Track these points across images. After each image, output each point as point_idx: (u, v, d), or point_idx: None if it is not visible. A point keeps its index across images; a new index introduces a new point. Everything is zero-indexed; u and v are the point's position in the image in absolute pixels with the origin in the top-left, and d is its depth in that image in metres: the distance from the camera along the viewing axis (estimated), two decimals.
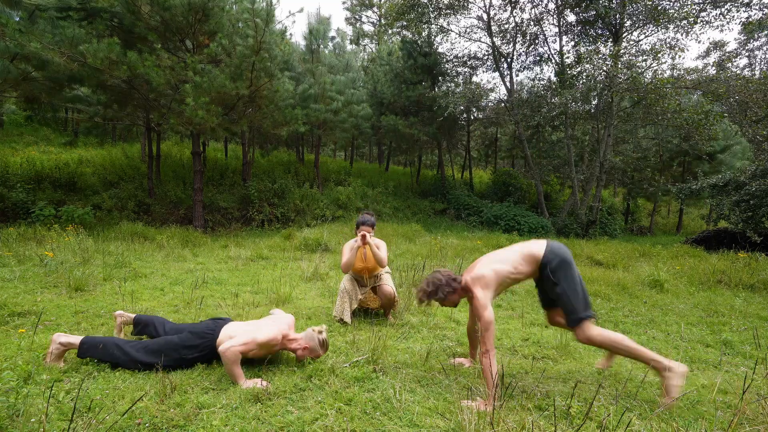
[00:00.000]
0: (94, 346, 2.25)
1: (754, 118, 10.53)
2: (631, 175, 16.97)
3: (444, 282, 2.29)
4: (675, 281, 5.29)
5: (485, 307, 2.13)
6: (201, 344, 2.30)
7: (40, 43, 6.74)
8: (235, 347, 2.14)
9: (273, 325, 2.36)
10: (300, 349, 2.38)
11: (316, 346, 2.38)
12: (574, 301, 2.15)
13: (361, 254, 3.29)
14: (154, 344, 2.29)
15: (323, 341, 2.40)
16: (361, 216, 3.32)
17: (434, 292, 2.29)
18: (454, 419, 1.88)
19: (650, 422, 1.93)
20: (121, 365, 2.25)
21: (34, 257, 4.86)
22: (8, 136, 14.01)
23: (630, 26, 12.29)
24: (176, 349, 2.27)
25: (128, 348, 2.25)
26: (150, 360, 2.22)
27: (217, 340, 2.28)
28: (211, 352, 2.30)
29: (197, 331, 2.34)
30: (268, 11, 8.16)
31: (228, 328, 2.33)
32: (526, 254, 2.26)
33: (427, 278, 2.36)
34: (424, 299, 2.33)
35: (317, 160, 13.39)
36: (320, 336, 2.39)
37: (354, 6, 29.48)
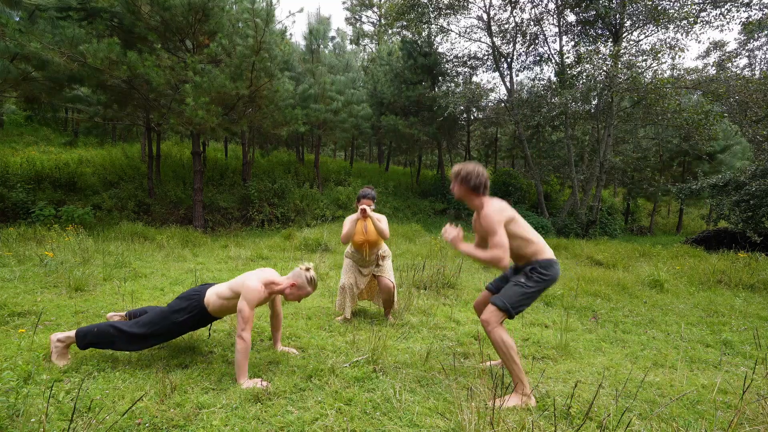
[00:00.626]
0: (88, 332, 2.25)
1: (754, 118, 10.54)
2: (631, 175, 16.97)
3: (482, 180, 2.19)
4: (675, 281, 5.29)
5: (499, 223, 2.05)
6: (189, 305, 2.32)
7: (40, 43, 6.74)
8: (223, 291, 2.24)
9: (256, 272, 2.37)
10: (287, 288, 2.35)
11: (304, 282, 2.35)
12: (520, 297, 2.14)
13: (361, 227, 3.28)
14: (145, 317, 2.33)
15: (311, 278, 2.36)
16: (361, 190, 3.32)
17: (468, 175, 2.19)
18: (454, 419, 1.88)
19: (650, 422, 1.93)
20: (117, 345, 2.25)
21: (34, 257, 4.86)
22: (8, 136, 14.01)
23: (630, 26, 12.30)
24: (166, 316, 2.30)
25: (121, 325, 2.27)
26: (143, 330, 2.24)
27: (204, 299, 2.32)
28: (200, 312, 2.33)
29: (184, 296, 2.38)
30: (268, 11, 8.16)
31: (213, 287, 2.38)
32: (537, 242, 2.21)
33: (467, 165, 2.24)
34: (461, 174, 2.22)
35: (317, 160, 13.40)
36: (308, 273, 2.36)
37: (354, 6, 29.49)
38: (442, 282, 4.72)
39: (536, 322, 3.64)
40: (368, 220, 3.25)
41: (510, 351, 2.08)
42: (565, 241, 8.82)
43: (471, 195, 2.23)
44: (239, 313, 2.17)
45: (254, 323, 3.08)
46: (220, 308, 2.33)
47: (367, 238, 3.27)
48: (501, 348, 2.09)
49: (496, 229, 2.04)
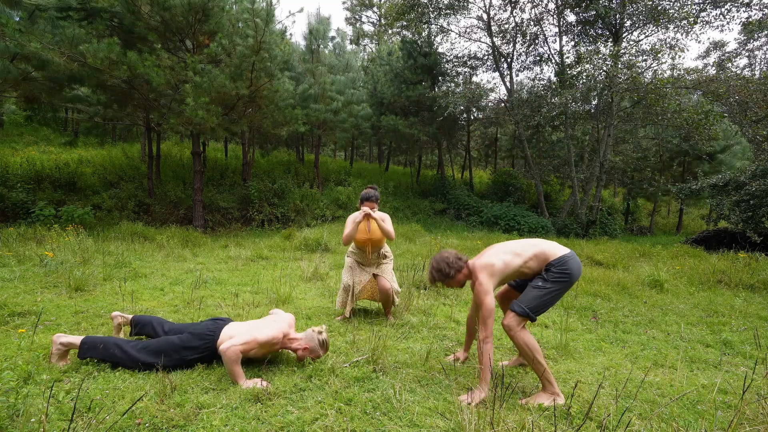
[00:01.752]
0: (94, 346, 2.25)
1: (754, 118, 10.54)
2: (631, 175, 16.97)
3: (452, 260, 2.31)
4: (675, 281, 5.28)
5: (487, 293, 2.13)
6: (201, 345, 2.30)
7: (40, 43, 6.73)
8: (236, 346, 2.13)
9: (273, 324, 2.36)
10: (300, 350, 2.39)
11: (316, 346, 2.39)
12: (540, 300, 2.15)
13: (364, 226, 3.26)
14: (154, 344, 2.29)
15: (323, 341, 2.40)
16: (364, 191, 3.30)
17: (441, 270, 2.31)
18: (454, 419, 1.88)
19: (650, 422, 1.93)
20: (121, 365, 2.25)
21: (34, 257, 4.86)
22: (8, 136, 14.01)
23: (630, 26, 12.30)
24: (177, 350, 2.27)
25: (128, 348, 2.25)
26: (150, 360, 2.22)
27: (218, 341, 2.28)
28: (211, 353, 2.30)
29: (197, 332, 2.34)
30: (268, 11, 8.16)
31: (228, 329, 2.33)
32: (539, 253, 2.23)
33: (435, 257, 2.37)
34: (435, 276, 2.35)
35: (317, 160, 13.40)
36: (320, 336, 2.40)
37: (354, 6, 29.49)
38: None
39: (536, 322, 3.64)
40: (372, 221, 3.24)
41: (534, 353, 2.10)
42: (565, 241, 8.82)
43: (459, 277, 2.34)
44: (244, 343, 2.16)
45: None
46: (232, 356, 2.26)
47: (371, 237, 3.26)
48: (525, 351, 2.12)
49: (482, 300, 2.13)
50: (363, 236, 3.26)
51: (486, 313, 2.11)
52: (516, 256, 2.24)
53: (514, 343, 2.16)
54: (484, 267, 2.21)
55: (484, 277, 2.18)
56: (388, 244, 3.60)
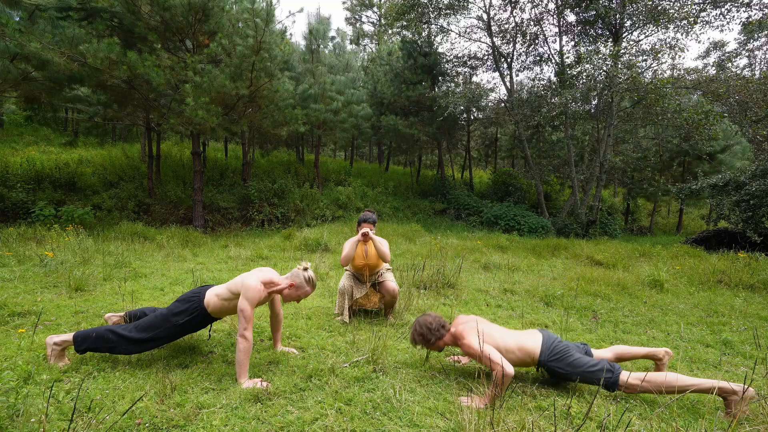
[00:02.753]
0: (87, 337, 2.24)
1: (754, 118, 10.53)
2: (631, 175, 16.97)
3: (434, 327, 2.38)
4: (675, 281, 5.29)
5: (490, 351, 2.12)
6: (189, 307, 2.31)
7: (40, 43, 6.73)
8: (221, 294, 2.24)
9: (255, 272, 2.37)
10: (286, 288, 2.36)
11: (302, 282, 2.37)
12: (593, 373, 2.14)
13: (362, 251, 3.28)
14: (144, 321, 2.31)
15: (309, 278, 2.38)
16: (362, 214, 3.34)
17: (423, 335, 2.38)
18: (454, 419, 1.88)
19: (650, 422, 1.93)
20: (117, 349, 2.24)
21: (34, 257, 4.86)
22: (8, 136, 14.01)
23: (630, 26, 12.29)
24: (166, 318, 2.29)
25: (120, 330, 2.25)
26: (143, 335, 2.23)
27: (204, 300, 2.31)
28: (200, 313, 2.32)
29: (184, 298, 2.38)
30: (268, 11, 8.16)
31: (213, 288, 2.38)
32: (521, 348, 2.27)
33: (419, 320, 2.43)
34: (417, 340, 2.42)
35: (317, 160, 13.39)
36: (306, 273, 2.37)
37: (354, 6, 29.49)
38: (442, 282, 4.72)
39: (536, 322, 3.64)
40: (369, 243, 3.25)
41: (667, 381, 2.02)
42: (565, 241, 8.82)
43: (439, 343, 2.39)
44: (240, 312, 2.16)
45: (255, 323, 3.08)
46: (220, 309, 2.33)
47: (368, 263, 3.29)
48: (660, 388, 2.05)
49: (477, 351, 2.15)
50: (360, 262, 3.29)
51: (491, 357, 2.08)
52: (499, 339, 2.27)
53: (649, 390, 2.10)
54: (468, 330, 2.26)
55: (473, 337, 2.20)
56: None
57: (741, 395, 1.90)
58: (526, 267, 6.25)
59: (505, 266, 6.13)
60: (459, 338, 2.29)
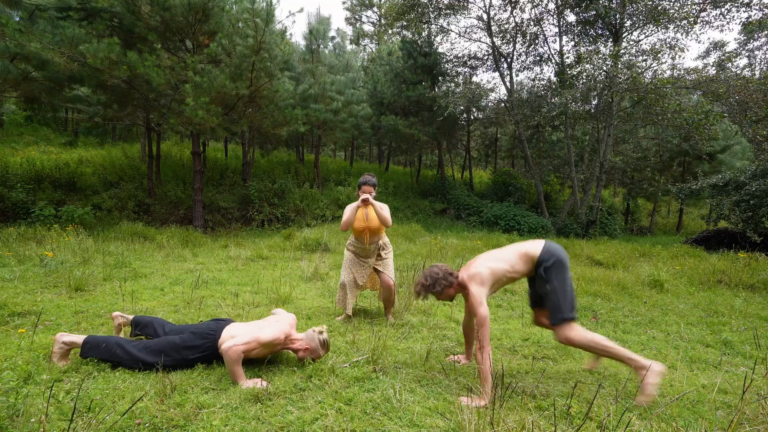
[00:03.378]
0: (96, 345, 2.26)
1: (754, 118, 10.53)
2: (631, 175, 16.96)
3: (441, 276, 2.34)
4: (675, 281, 5.29)
5: (480, 304, 2.16)
6: (203, 345, 2.30)
7: (40, 43, 6.73)
8: (238, 346, 2.13)
9: (276, 324, 2.36)
10: (301, 350, 2.39)
11: (317, 346, 2.39)
12: (561, 300, 2.18)
13: (362, 214, 3.28)
14: (155, 344, 2.29)
15: (324, 341, 2.41)
16: (362, 177, 3.33)
17: (432, 285, 2.34)
18: (454, 419, 1.88)
19: (650, 422, 1.93)
20: (122, 365, 2.25)
21: (34, 257, 4.86)
22: (8, 136, 14.01)
23: (630, 26, 12.29)
24: (178, 349, 2.27)
25: (130, 347, 2.25)
26: (151, 360, 2.23)
27: (219, 340, 2.28)
28: (212, 352, 2.30)
29: (199, 332, 2.34)
30: (268, 11, 8.15)
31: (230, 329, 2.33)
32: (522, 253, 2.30)
33: (424, 272, 2.40)
34: (422, 292, 2.38)
35: (317, 160, 13.39)
36: (321, 336, 2.40)
37: (354, 6, 29.48)
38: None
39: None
40: (369, 207, 3.25)
41: (602, 343, 2.16)
42: (565, 241, 8.82)
43: (449, 291, 2.37)
44: (246, 342, 2.16)
45: None
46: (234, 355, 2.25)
47: (368, 225, 3.27)
48: (594, 348, 2.18)
49: (476, 310, 2.17)
50: (361, 224, 3.27)
51: (480, 321, 2.13)
52: (501, 261, 2.29)
53: (583, 349, 2.20)
54: (473, 277, 2.25)
55: (475, 288, 2.21)
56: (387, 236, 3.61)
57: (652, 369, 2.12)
58: None
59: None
60: (465, 287, 2.28)
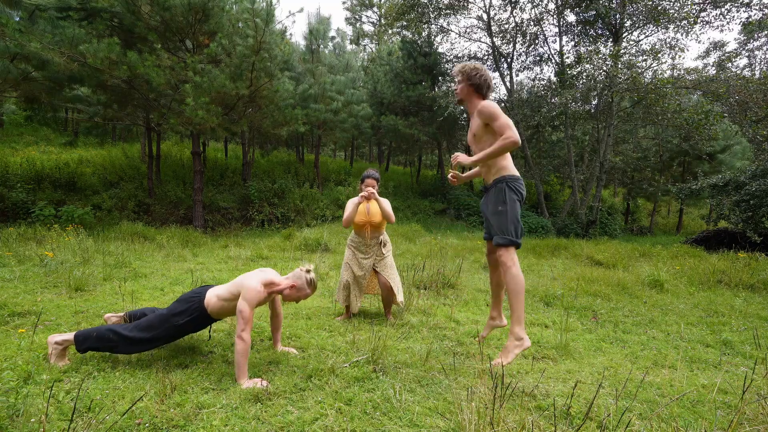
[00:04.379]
0: (87, 336, 2.25)
1: (754, 118, 10.53)
2: (631, 175, 16.97)
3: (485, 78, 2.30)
4: (675, 281, 5.28)
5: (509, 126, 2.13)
6: (188, 308, 2.31)
7: (40, 43, 6.73)
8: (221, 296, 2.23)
9: (258, 273, 2.37)
10: (287, 288, 2.36)
11: (303, 284, 2.36)
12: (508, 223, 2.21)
13: (364, 209, 3.29)
14: (144, 320, 2.31)
15: (311, 280, 2.37)
16: (366, 171, 3.37)
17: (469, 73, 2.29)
18: (454, 419, 1.88)
19: (650, 422, 1.93)
20: (117, 349, 2.25)
21: (34, 257, 4.85)
22: (8, 136, 14.01)
23: (630, 26, 12.30)
24: (166, 319, 2.29)
25: (120, 329, 2.26)
26: (143, 335, 2.24)
27: (204, 301, 2.31)
28: (200, 314, 2.32)
29: (183, 298, 2.37)
30: (268, 11, 8.16)
31: (214, 289, 2.37)
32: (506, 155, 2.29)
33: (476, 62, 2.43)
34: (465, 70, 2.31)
35: (317, 160, 13.40)
36: (308, 275, 2.37)
37: (354, 6, 29.49)
38: (442, 282, 4.72)
39: (536, 322, 3.64)
40: (372, 201, 3.25)
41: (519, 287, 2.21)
42: (565, 241, 8.82)
43: (473, 95, 2.30)
44: (239, 313, 2.16)
45: (254, 323, 3.08)
46: (220, 310, 2.33)
47: (370, 220, 3.27)
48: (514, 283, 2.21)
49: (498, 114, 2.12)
50: (362, 218, 3.27)
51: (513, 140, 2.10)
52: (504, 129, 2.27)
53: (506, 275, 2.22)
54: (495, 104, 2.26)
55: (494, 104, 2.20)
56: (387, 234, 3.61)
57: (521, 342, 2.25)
58: (526, 267, 6.25)
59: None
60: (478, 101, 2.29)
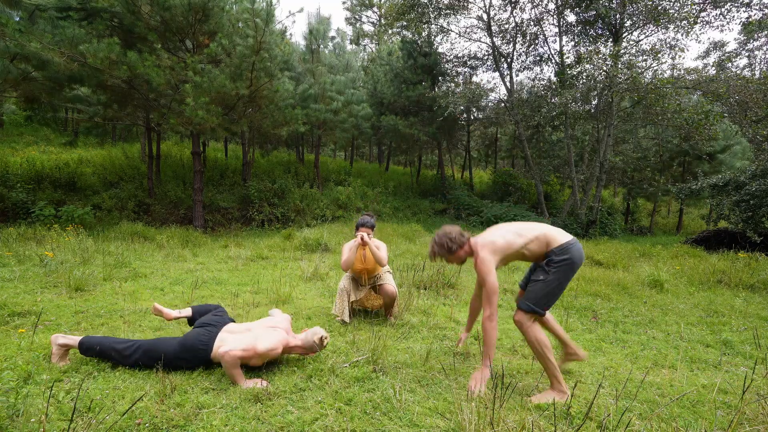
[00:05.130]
0: (90, 348, 2.26)
1: (754, 118, 10.53)
2: (631, 175, 16.96)
3: (454, 235, 2.31)
4: (675, 281, 5.28)
5: (489, 273, 2.13)
6: (194, 357, 2.27)
7: (40, 43, 6.73)
8: (236, 352, 2.11)
9: (273, 334, 2.31)
10: (297, 347, 2.39)
11: (313, 347, 2.39)
12: (540, 294, 2.16)
13: (360, 255, 3.30)
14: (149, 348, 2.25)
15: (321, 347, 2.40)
16: (360, 218, 3.37)
17: (443, 244, 2.31)
18: (454, 419, 1.88)
19: (650, 422, 1.93)
20: (120, 364, 2.27)
21: (34, 257, 4.85)
22: (8, 136, 14.01)
23: (630, 26, 12.29)
24: (170, 359, 2.25)
25: (123, 350, 2.24)
26: (144, 361, 2.24)
27: (212, 353, 2.25)
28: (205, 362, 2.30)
29: (189, 345, 2.26)
30: (268, 11, 8.16)
31: (224, 342, 2.25)
32: (543, 235, 2.21)
33: (438, 233, 2.38)
34: (437, 251, 2.35)
35: (317, 160, 13.40)
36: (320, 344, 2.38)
37: (354, 6, 29.48)
38: (442, 282, 4.72)
39: None
40: (367, 248, 3.26)
41: (544, 349, 2.13)
42: None
43: (460, 253, 2.34)
44: (244, 350, 2.14)
45: None
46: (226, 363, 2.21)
47: (366, 267, 3.30)
48: (535, 346, 2.15)
49: (485, 278, 2.14)
50: (359, 266, 3.31)
51: (489, 290, 2.11)
52: (518, 236, 2.22)
53: (526, 339, 2.19)
54: (485, 245, 2.21)
55: (486, 254, 2.17)
56: None
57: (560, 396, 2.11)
58: (526, 267, 6.25)
59: (505, 266, 6.13)
60: (476, 251, 2.24)
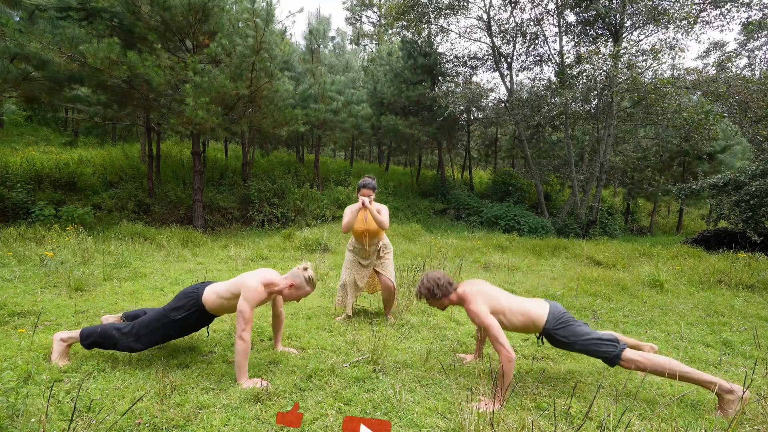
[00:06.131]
0: (92, 332, 2.29)
1: (754, 118, 10.53)
2: (631, 175, 16.96)
3: (442, 283, 2.35)
4: (675, 281, 5.28)
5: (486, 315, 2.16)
6: (186, 303, 2.33)
7: (40, 43, 6.73)
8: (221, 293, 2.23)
9: (257, 273, 2.37)
10: (286, 288, 2.36)
11: (302, 282, 2.36)
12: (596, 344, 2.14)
13: (362, 216, 3.30)
14: (144, 318, 2.34)
15: (309, 278, 2.37)
16: (362, 179, 3.33)
17: (430, 289, 2.35)
18: (454, 419, 1.88)
19: (650, 422, 1.93)
20: (119, 345, 2.27)
21: (34, 257, 4.85)
22: (8, 136, 14.01)
23: (630, 26, 12.29)
24: (164, 314, 2.31)
25: (122, 326, 2.31)
26: (143, 332, 2.27)
27: (202, 297, 2.32)
28: (197, 309, 2.33)
29: (181, 294, 2.39)
30: (268, 11, 8.16)
31: (211, 286, 2.38)
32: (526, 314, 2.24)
33: (427, 275, 2.41)
34: (423, 293, 2.40)
35: (317, 160, 13.40)
36: (306, 273, 2.37)
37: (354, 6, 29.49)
38: None
39: None
40: (368, 210, 3.27)
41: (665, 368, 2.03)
42: (565, 241, 8.82)
43: (444, 301, 2.38)
44: (240, 313, 2.16)
45: (254, 323, 3.08)
46: (218, 308, 2.33)
47: (367, 228, 3.28)
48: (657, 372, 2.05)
49: (485, 324, 2.14)
50: (360, 227, 3.29)
51: (495, 332, 2.10)
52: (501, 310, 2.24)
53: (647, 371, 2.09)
54: (474, 298, 2.24)
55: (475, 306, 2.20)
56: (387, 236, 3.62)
57: (738, 395, 1.93)
58: (526, 267, 6.25)
59: (505, 266, 6.13)
60: (465, 301, 2.26)
